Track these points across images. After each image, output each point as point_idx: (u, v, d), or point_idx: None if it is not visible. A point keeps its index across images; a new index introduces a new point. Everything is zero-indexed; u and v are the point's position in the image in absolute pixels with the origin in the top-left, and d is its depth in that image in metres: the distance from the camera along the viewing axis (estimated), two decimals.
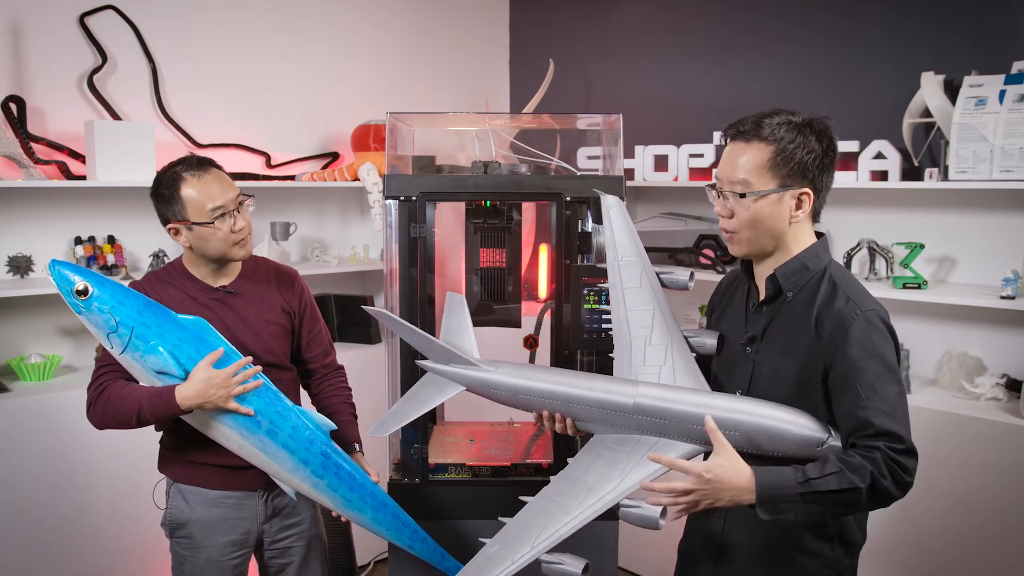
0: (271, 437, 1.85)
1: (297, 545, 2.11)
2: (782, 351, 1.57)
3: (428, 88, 4.01)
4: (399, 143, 2.66)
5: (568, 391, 1.77)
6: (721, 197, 1.59)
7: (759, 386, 1.60)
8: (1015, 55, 2.69)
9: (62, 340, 3.00)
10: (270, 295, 2.05)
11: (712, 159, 3.33)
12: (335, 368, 2.22)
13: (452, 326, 2.08)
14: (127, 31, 3.11)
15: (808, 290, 1.57)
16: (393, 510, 2.03)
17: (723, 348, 1.72)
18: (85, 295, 1.75)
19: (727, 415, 1.54)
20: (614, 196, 1.95)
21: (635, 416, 1.66)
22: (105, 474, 2.73)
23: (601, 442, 1.73)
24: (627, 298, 1.81)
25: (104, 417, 1.86)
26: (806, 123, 1.55)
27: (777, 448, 1.51)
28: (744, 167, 1.55)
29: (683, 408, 1.60)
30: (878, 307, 1.52)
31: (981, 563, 2.48)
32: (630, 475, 1.60)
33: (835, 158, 1.57)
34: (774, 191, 1.53)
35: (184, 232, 1.92)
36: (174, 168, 1.92)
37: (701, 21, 3.61)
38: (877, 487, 1.40)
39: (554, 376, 1.84)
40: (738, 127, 1.58)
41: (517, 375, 1.87)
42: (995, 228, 2.81)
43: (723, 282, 1.83)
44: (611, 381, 1.75)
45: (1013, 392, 2.65)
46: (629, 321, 1.79)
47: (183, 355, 1.80)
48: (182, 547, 2.03)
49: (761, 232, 1.56)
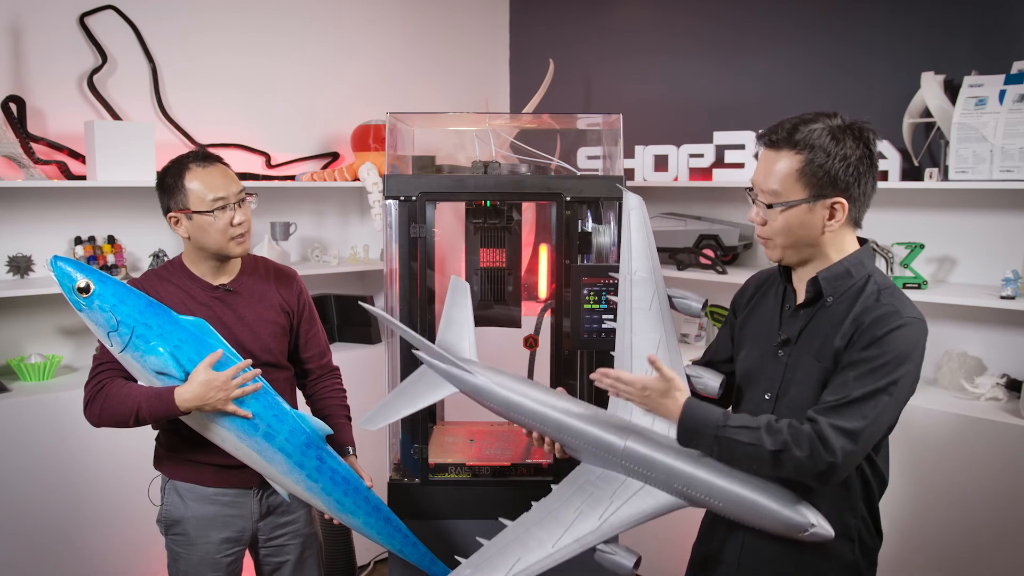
0: (268, 440, 1.85)
1: (292, 543, 2.11)
2: (815, 356, 1.54)
3: (428, 88, 4.01)
4: (399, 143, 2.66)
5: (561, 420, 1.72)
6: (755, 204, 1.57)
7: (791, 390, 1.58)
8: (1015, 55, 2.69)
9: (62, 340, 3.00)
10: (269, 294, 2.06)
11: (712, 159, 3.33)
12: (331, 369, 2.23)
13: (453, 315, 2.02)
14: (127, 31, 3.11)
15: (849, 297, 1.53)
16: (385, 515, 2.03)
17: (753, 349, 1.68)
18: (87, 292, 1.74)
19: (713, 480, 1.51)
20: (637, 196, 1.84)
21: (623, 460, 1.63)
22: (104, 474, 2.73)
23: (586, 474, 1.68)
24: (634, 320, 1.73)
25: (102, 415, 1.86)
26: (843, 128, 1.50)
27: (760, 525, 1.48)
28: (774, 176, 1.51)
29: (671, 464, 1.56)
30: (920, 315, 1.50)
31: (981, 563, 2.48)
32: (609, 520, 1.57)
33: (874, 164, 1.52)
34: (803, 201, 1.50)
35: (184, 222, 1.92)
36: (182, 158, 1.94)
37: (701, 21, 3.61)
38: (786, 454, 1.43)
39: (549, 399, 1.77)
40: (771, 135, 1.53)
41: (512, 389, 1.81)
42: (995, 228, 2.81)
43: (752, 281, 1.79)
44: (605, 419, 1.69)
45: (1013, 392, 2.65)
46: (633, 348, 1.72)
47: (183, 356, 1.80)
48: (177, 544, 2.04)
49: (795, 240, 1.54)
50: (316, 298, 3.53)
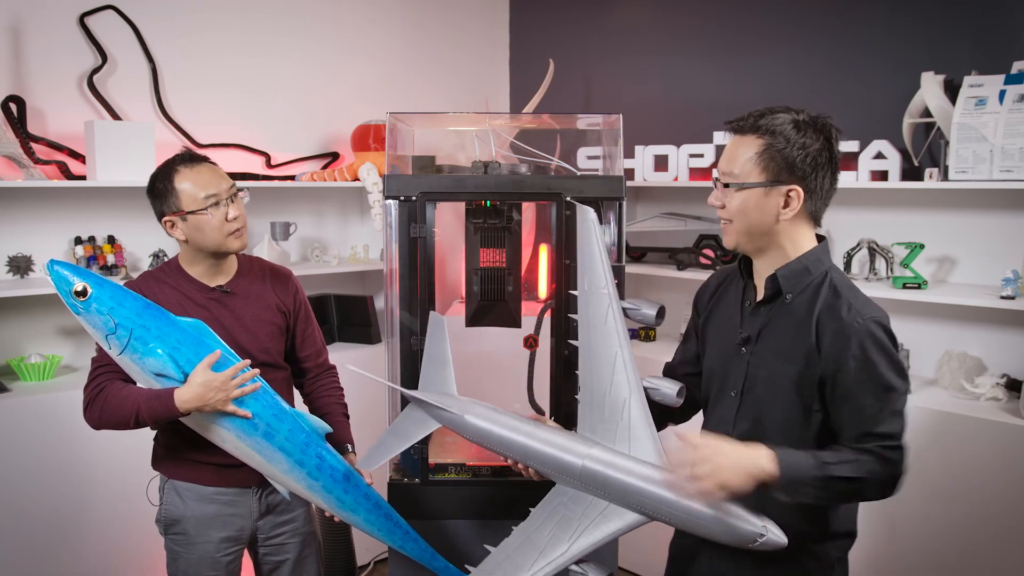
0: (268, 439, 1.85)
1: (292, 542, 2.11)
2: (779, 354, 1.56)
3: (428, 88, 4.01)
4: (399, 143, 2.66)
5: (526, 443, 1.75)
6: (715, 187, 1.60)
7: (756, 388, 1.60)
8: (1015, 55, 2.69)
9: (62, 340, 3.00)
10: (266, 294, 2.06)
11: (712, 159, 3.33)
12: (328, 368, 2.24)
13: (432, 352, 2.05)
14: (127, 31, 3.11)
15: (808, 294, 1.56)
16: (386, 511, 2.04)
17: (716, 347, 1.70)
18: (84, 296, 1.74)
19: (663, 495, 1.53)
20: (590, 208, 1.82)
21: (582, 481, 1.66)
22: (105, 474, 2.73)
23: (559, 495, 1.72)
24: (592, 337, 1.74)
25: (101, 418, 1.86)
26: (806, 121, 1.53)
27: (711, 536, 1.50)
28: (735, 159, 1.55)
29: (624, 481, 1.58)
30: (880, 313, 1.52)
31: (980, 563, 2.48)
32: (578, 542, 1.61)
33: (833, 159, 1.55)
34: (759, 185, 1.53)
35: (179, 224, 1.92)
36: (169, 162, 1.95)
37: (701, 21, 3.61)
38: (879, 478, 1.46)
39: (517, 425, 1.79)
40: (738, 121, 1.58)
41: (484, 419, 1.83)
42: (995, 228, 2.81)
43: (712, 280, 1.81)
44: (567, 440, 1.71)
45: (1013, 392, 2.65)
46: (592, 362, 1.73)
47: (182, 358, 1.80)
48: (176, 544, 2.04)
49: (749, 225, 1.56)
50: (316, 298, 3.54)
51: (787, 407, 1.55)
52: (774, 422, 1.57)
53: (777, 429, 1.57)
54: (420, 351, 2.33)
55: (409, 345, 2.33)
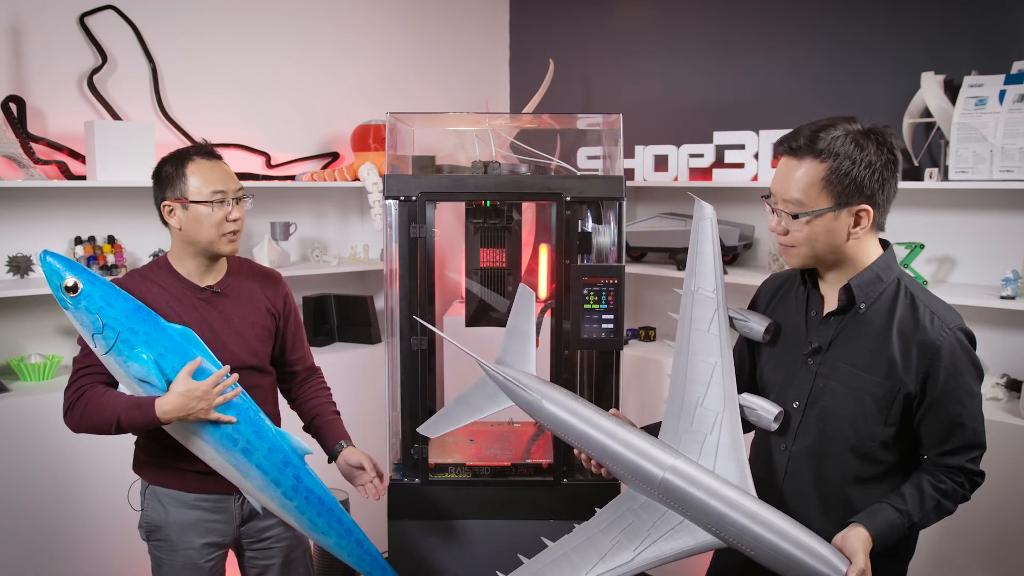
0: (246, 456, 1.84)
1: (277, 547, 2.08)
2: (856, 365, 1.52)
3: (428, 88, 4.01)
4: (399, 143, 2.66)
5: (605, 443, 1.66)
6: (775, 214, 1.54)
7: (823, 400, 1.56)
8: (1015, 55, 2.69)
9: (62, 340, 3.00)
10: (256, 296, 2.04)
11: (712, 159, 3.33)
12: (315, 370, 2.22)
13: (516, 325, 1.97)
14: (127, 31, 3.12)
15: (883, 303, 1.52)
16: (357, 537, 2.01)
17: (775, 357, 1.65)
18: (74, 292, 1.72)
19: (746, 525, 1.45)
20: (710, 206, 1.66)
21: (659, 492, 1.58)
22: (105, 474, 2.73)
23: (630, 500, 1.64)
24: (692, 341, 1.64)
25: (82, 423, 1.83)
26: (865, 134, 1.48)
27: (786, 574, 1.44)
28: (797, 185, 1.48)
29: (706, 502, 1.50)
30: (960, 320, 1.51)
31: (980, 562, 2.48)
32: (644, 553, 1.53)
33: (897, 167, 1.51)
34: (829, 210, 1.47)
35: (179, 212, 1.90)
36: (186, 150, 1.94)
37: (701, 21, 3.61)
38: (958, 497, 1.53)
39: (598, 421, 1.70)
40: (790, 142, 1.50)
41: (563, 408, 1.75)
42: (995, 228, 2.81)
43: (766, 287, 1.75)
44: (650, 446, 1.62)
45: (1013, 392, 2.65)
46: (688, 368, 1.64)
47: (167, 365, 1.77)
48: (159, 550, 2.00)
49: (819, 249, 1.52)
50: (316, 298, 3.54)
51: (860, 419, 1.52)
52: (842, 434, 1.54)
53: (844, 442, 1.54)
54: (420, 351, 2.33)
55: (409, 345, 2.33)
